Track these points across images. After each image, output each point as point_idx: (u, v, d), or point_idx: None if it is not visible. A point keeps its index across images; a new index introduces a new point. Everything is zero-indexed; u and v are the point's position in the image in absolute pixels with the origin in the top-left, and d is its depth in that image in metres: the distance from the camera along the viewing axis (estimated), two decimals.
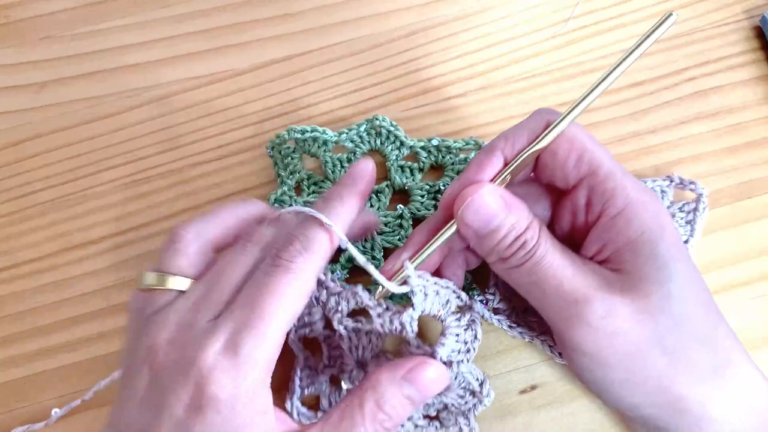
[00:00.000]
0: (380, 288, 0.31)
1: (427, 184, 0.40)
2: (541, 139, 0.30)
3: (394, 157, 0.40)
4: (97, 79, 0.44)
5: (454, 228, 0.30)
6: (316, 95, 0.43)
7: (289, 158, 0.40)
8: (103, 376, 0.36)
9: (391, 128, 0.40)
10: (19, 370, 0.39)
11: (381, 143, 0.40)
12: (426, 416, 0.36)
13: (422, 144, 0.40)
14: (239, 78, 0.44)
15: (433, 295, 0.31)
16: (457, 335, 0.31)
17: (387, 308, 0.31)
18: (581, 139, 0.30)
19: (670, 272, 0.28)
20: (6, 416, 0.38)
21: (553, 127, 0.30)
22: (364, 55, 0.44)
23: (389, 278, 0.31)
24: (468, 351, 0.32)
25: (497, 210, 0.29)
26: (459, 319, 0.32)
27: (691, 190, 0.38)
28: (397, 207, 0.40)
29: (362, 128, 0.40)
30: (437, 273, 0.33)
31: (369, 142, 0.40)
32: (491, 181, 0.30)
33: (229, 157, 0.42)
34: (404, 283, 0.30)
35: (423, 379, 0.29)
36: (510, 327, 0.36)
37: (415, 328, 0.30)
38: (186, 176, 0.42)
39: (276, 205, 0.39)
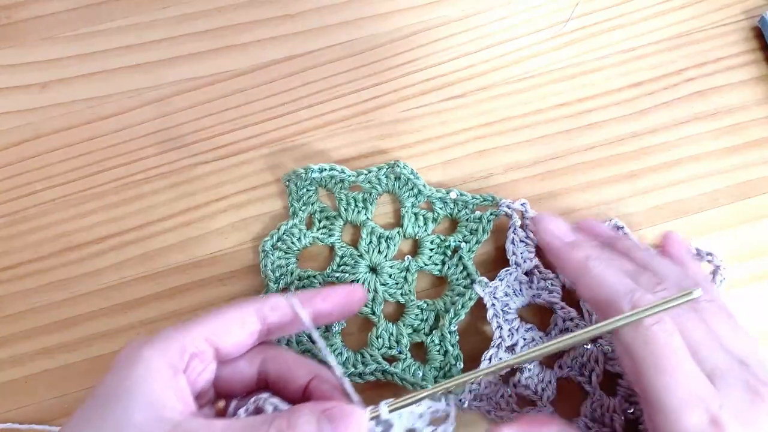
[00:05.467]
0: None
1: (439, 237, 0.39)
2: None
3: (410, 204, 0.40)
4: (98, 79, 0.44)
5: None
6: (317, 96, 0.43)
7: (305, 190, 0.40)
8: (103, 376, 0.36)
9: (411, 176, 0.39)
10: (19, 370, 0.39)
11: (398, 188, 0.40)
12: None
13: (440, 195, 0.39)
14: (240, 78, 0.44)
15: (408, 415, 0.29)
16: None
17: None
18: None
19: None
20: (6, 416, 0.38)
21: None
22: (364, 56, 0.44)
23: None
24: None
25: None
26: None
27: (708, 261, 0.37)
28: (405, 258, 0.39)
29: (381, 172, 0.39)
30: None
31: (387, 185, 0.40)
32: None
33: (230, 158, 0.42)
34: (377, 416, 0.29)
35: (343, 424, 0.28)
36: (488, 412, 0.36)
37: None
38: (187, 177, 0.42)
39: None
